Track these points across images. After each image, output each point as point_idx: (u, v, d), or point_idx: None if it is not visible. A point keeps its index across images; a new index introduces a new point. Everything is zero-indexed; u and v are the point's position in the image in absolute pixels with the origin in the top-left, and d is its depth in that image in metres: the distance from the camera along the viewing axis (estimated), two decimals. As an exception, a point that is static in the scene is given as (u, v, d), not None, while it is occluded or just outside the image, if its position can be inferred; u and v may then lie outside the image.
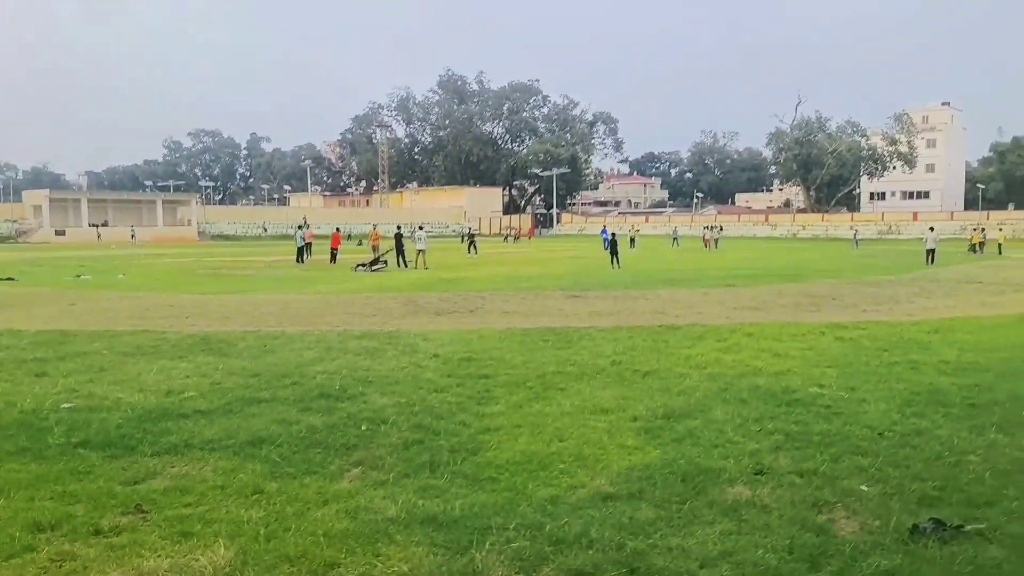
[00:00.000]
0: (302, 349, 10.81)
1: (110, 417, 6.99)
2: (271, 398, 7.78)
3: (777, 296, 18.99)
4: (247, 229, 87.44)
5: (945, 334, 12.31)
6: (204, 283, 24.20)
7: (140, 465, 5.68)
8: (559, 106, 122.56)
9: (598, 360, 9.89)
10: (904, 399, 7.73)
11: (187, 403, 7.55)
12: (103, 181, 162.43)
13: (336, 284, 23.13)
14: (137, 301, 18.09)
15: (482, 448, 6.12)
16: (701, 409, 7.32)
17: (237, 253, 47.44)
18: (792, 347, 10.96)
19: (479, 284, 22.83)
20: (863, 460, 5.78)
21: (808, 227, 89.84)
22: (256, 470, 5.57)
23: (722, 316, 14.81)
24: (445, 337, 11.96)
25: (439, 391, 8.12)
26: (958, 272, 28.47)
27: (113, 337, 12.02)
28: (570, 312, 15.58)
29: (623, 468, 5.63)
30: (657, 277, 25.54)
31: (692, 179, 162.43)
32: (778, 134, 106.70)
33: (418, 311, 15.90)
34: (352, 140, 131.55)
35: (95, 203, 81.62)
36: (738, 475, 5.46)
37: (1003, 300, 18.30)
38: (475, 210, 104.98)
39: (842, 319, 14.35)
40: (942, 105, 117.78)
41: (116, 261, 37.53)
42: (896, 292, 20.33)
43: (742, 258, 39.59)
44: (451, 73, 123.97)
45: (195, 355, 10.34)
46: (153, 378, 8.80)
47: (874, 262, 35.74)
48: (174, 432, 6.52)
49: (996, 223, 70.20)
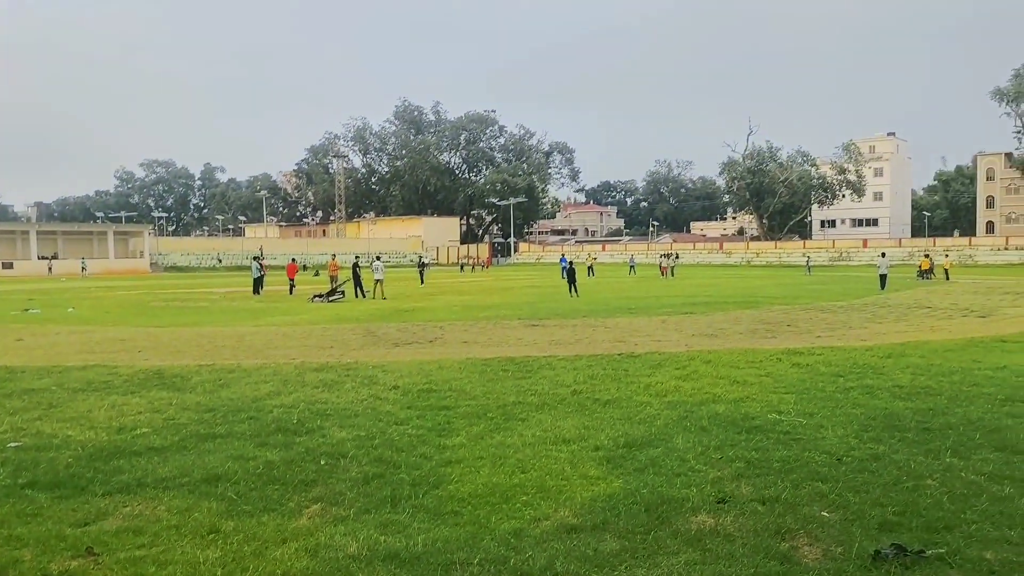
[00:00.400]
0: (258, 383, 10.62)
1: (59, 456, 6.77)
2: (227, 434, 7.61)
3: (734, 323, 19.23)
4: (201, 260, 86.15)
5: (898, 359, 12.55)
6: (157, 316, 23.72)
7: (91, 506, 5.50)
8: (516, 136, 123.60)
9: (559, 390, 9.88)
10: (861, 424, 7.85)
11: (140, 440, 7.35)
12: (53, 212, 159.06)
13: (293, 315, 22.84)
14: (87, 335, 17.65)
15: (444, 481, 6.05)
16: (662, 438, 7.34)
17: (191, 285, 46.67)
18: (750, 374, 11.07)
19: (438, 314, 22.74)
20: (823, 486, 5.84)
21: (762, 255, 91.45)
22: (212, 508, 5.43)
23: (680, 343, 14.93)
24: (404, 368, 11.86)
25: (399, 423, 8.02)
26: (908, 297, 29.14)
27: (62, 373, 11.68)
28: (529, 341, 15.58)
29: (586, 499, 5.60)
30: (615, 305, 25.70)
31: (648, 208, 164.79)
32: (731, 163, 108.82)
33: (376, 342, 15.76)
34: (308, 170, 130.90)
35: (44, 235, 79.79)
36: (701, 504, 5.47)
37: (952, 324, 18.75)
38: (433, 239, 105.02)
39: (798, 345, 14.56)
40: (888, 135, 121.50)
41: (66, 294, 36.62)
42: (849, 318, 20.72)
43: (698, 285, 40.07)
44: (407, 103, 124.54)
45: (148, 390, 10.10)
46: (104, 415, 8.56)
47: (827, 288, 36.43)
48: (126, 471, 6.33)
49: (942, 249, 72.32)
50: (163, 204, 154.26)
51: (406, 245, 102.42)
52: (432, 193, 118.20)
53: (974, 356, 12.80)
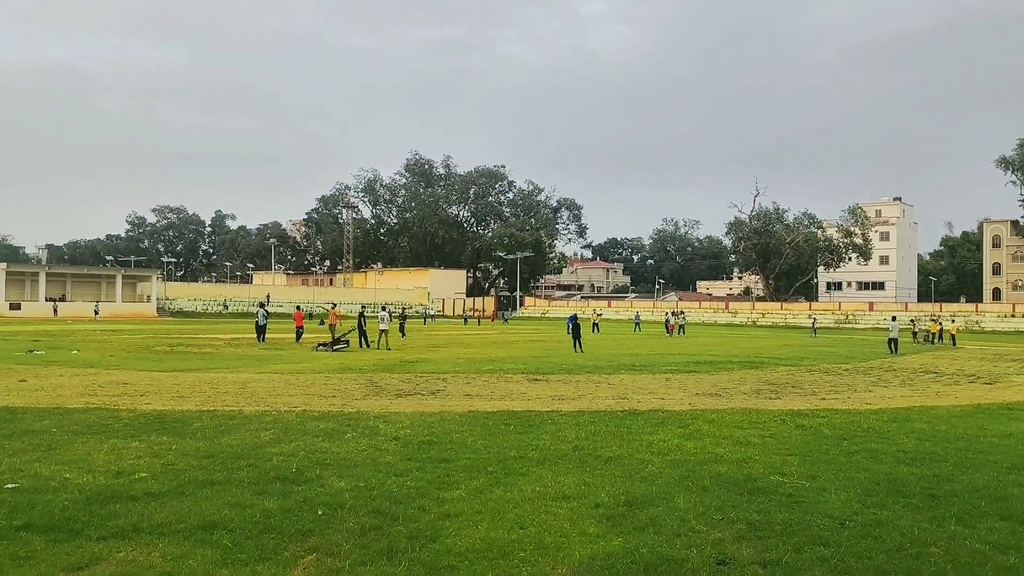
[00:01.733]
0: (259, 430, 10.58)
1: (56, 499, 6.73)
2: (225, 480, 7.56)
3: (738, 383, 19.13)
4: (208, 306, 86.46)
5: (903, 423, 12.46)
6: (161, 360, 23.73)
7: (85, 550, 5.45)
8: (524, 191, 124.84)
9: (560, 445, 9.82)
10: (865, 488, 7.76)
11: (137, 484, 7.31)
12: (64, 255, 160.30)
13: (296, 364, 22.83)
14: (90, 378, 17.65)
15: (441, 535, 5.99)
16: (663, 496, 7.27)
17: (196, 330, 46.73)
18: (753, 434, 10.99)
19: (441, 366, 22.70)
20: (825, 551, 5.75)
21: (768, 315, 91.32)
22: (207, 556, 5.38)
23: (684, 402, 14.85)
24: (406, 419, 11.80)
25: (398, 475, 7.96)
26: (914, 362, 28.98)
27: (63, 415, 11.67)
28: (532, 396, 15.52)
29: (585, 557, 5.53)
30: (619, 362, 25.63)
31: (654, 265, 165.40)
32: (737, 223, 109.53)
33: (379, 392, 15.71)
34: (318, 220, 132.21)
35: (54, 277, 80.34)
36: (701, 565, 5.40)
37: (958, 390, 18.61)
38: (439, 291, 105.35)
39: (802, 406, 14.47)
40: (894, 200, 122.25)
41: (71, 337, 36.71)
42: (854, 380, 20.60)
43: (703, 344, 39.96)
44: (418, 156, 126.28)
45: (148, 434, 10.06)
46: (103, 458, 8.52)
47: (832, 350, 36.28)
48: (122, 515, 6.29)
49: (949, 315, 72.12)
50: (173, 249, 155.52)
51: (413, 296, 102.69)
52: (440, 245, 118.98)
53: (980, 423, 12.70)
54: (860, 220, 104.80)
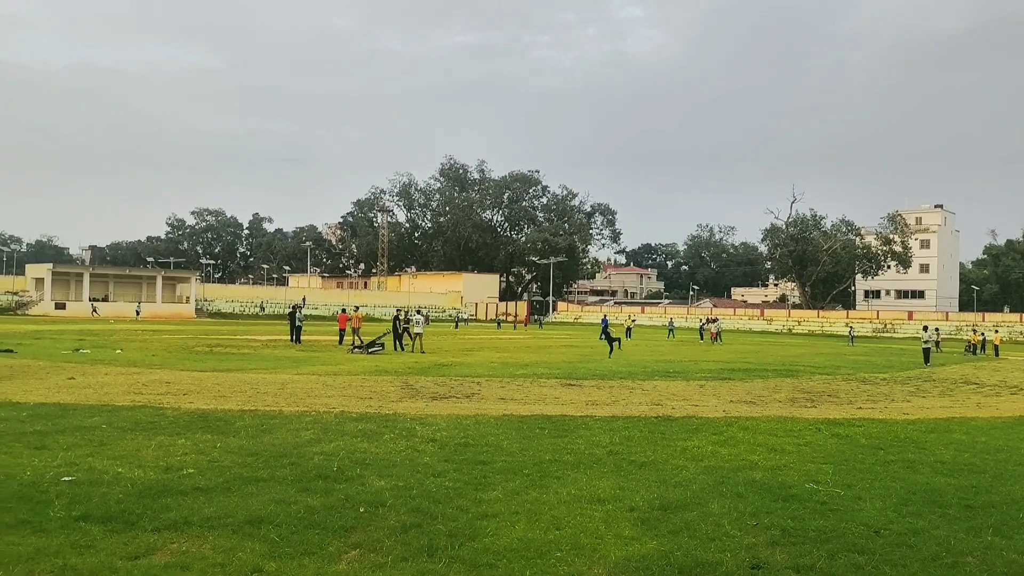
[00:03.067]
0: (299, 430, 10.84)
1: (110, 492, 7.01)
2: (269, 478, 7.80)
3: (773, 391, 19.06)
4: (244, 308, 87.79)
5: (941, 434, 12.36)
6: (201, 360, 24.23)
7: (141, 540, 5.70)
8: (558, 196, 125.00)
9: (595, 450, 9.93)
10: (900, 498, 7.77)
11: (186, 480, 7.57)
12: (106, 256, 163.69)
13: (333, 365, 23.16)
14: (135, 376, 18.12)
15: (480, 534, 6.14)
16: (698, 502, 7.36)
17: (234, 331, 47.50)
18: (788, 442, 11.00)
19: (475, 370, 22.89)
20: (860, 558, 5.81)
21: (804, 323, 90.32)
22: (255, 549, 5.59)
23: (718, 409, 14.86)
24: (442, 422, 12.00)
25: (436, 476, 8.14)
26: (955, 372, 28.56)
27: (112, 412, 12.05)
28: (566, 401, 15.63)
29: (620, 558, 5.65)
30: (653, 368, 25.61)
31: (688, 272, 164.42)
32: (773, 230, 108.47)
33: (415, 395, 15.93)
34: (353, 223, 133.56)
35: (97, 278, 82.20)
36: (735, 569, 5.49)
37: (999, 402, 18.36)
38: (472, 295, 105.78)
39: (838, 415, 14.40)
40: (935, 207, 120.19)
41: (114, 336, 37.56)
42: (892, 390, 20.40)
43: (737, 352, 39.71)
44: (453, 161, 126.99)
45: (193, 432, 10.36)
46: (152, 454, 8.82)
47: (870, 359, 35.86)
48: (173, 508, 6.54)
49: (991, 325, 70.71)
50: (211, 251, 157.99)
51: (446, 300, 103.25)
52: (473, 249, 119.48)
53: (1021, 435, 12.56)
54: (900, 227, 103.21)
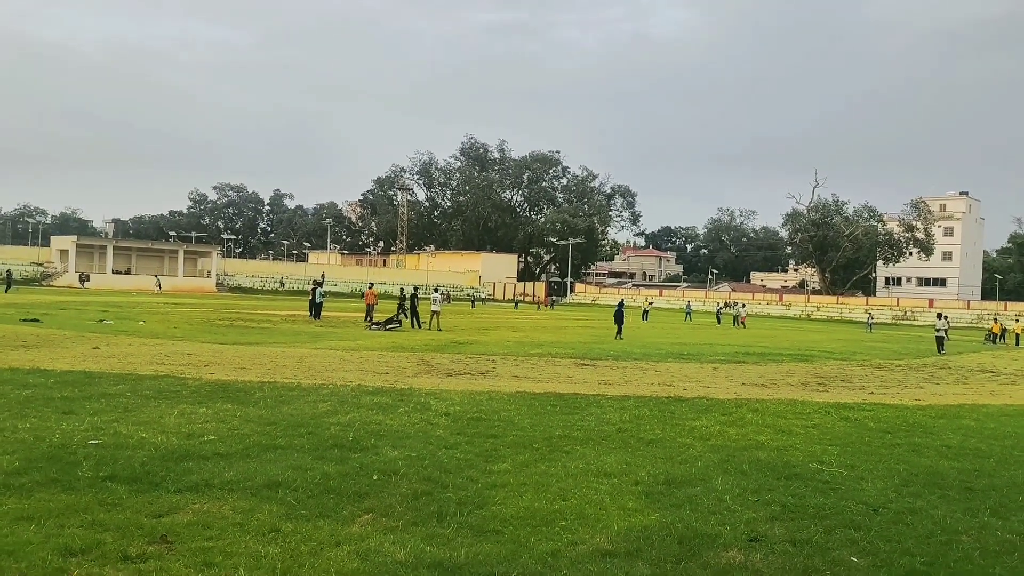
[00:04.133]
0: (316, 402, 11.12)
1: (135, 455, 7.30)
2: (287, 446, 8.06)
3: (786, 375, 19.17)
4: (264, 283, 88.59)
5: (951, 420, 12.46)
6: (222, 333, 24.65)
7: (164, 500, 5.97)
8: (578, 177, 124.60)
9: (604, 427, 10.13)
10: (902, 479, 7.92)
11: (207, 446, 7.85)
12: (129, 229, 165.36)
13: (350, 341, 23.50)
14: (157, 347, 18.51)
15: (488, 502, 6.37)
16: (702, 478, 7.55)
17: (254, 306, 48.09)
18: (796, 424, 11.15)
19: (491, 348, 23.14)
20: (856, 533, 5.98)
21: (823, 308, 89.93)
22: (273, 511, 5.84)
23: (730, 391, 15.01)
24: (456, 397, 12.24)
25: (448, 447, 8.38)
26: (972, 361, 28.48)
27: (136, 380, 12.39)
28: (579, 380, 15.84)
29: (623, 528, 5.85)
30: (667, 350, 25.75)
31: (707, 255, 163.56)
32: (794, 215, 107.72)
33: (430, 371, 16.20)
34: (373, 201, 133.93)
35: (120, 250, 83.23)
36: (733, 541, 5.68)
37: (1014, 390, 18.36)
38: (490, 275, 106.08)
39: (849, 400, 14.51)
40: (959, 195, 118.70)
41: (137, 308, 38.16)
42: (906, 376, 20.44)
43: (754, 336, 39.73)
44: (473, 140, 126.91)
45: (214, 402, 10.67)
46: (174, 421, 9.12)
47: (887, 346, 35.78)
48: (195, 472, 6.82)
49: (1014, 314, 70.08)
50: (232, 227, 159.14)
51: (464, 279, 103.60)
52: (492, 229, 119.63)
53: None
54: (923, 214, 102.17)
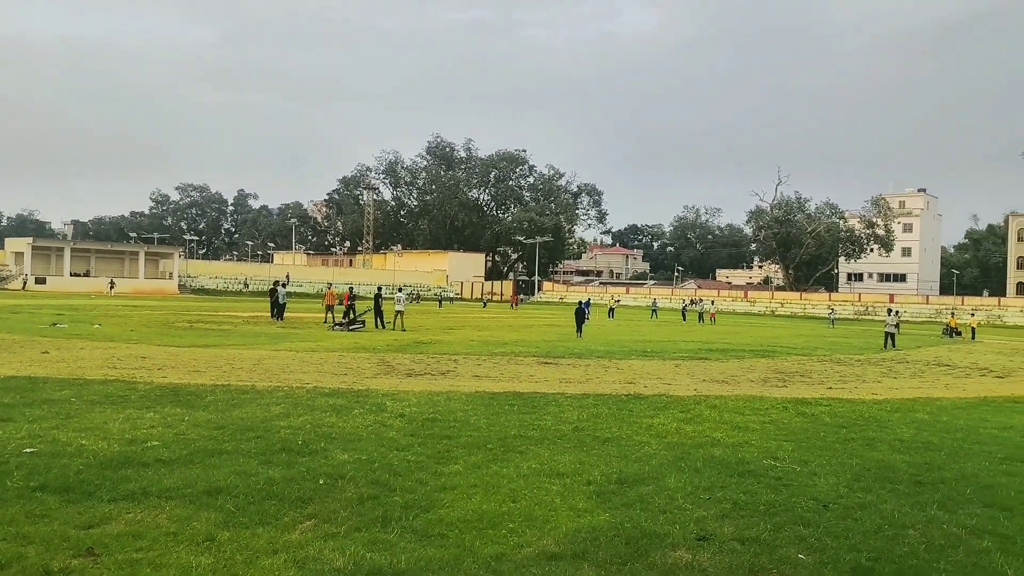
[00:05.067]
0: (270, 404, 10.90)
1: (71, 463, 7.06)
2: (233, 450, 7.86)
3: (747, 371, 19.27)
4: (228, 284, 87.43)
5: (905, 413, 12.57)
6: (180, 336, 24.19)
7: (96, 510, 5.76)
8: (545, 176, 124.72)
9: (561, 426, 10.05)
10: (854, 474, 7.94)
11: (149, 452, 7.62)
12: (89, 231, 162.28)
13: (312, 342, 23.20)
14: (111, 351, 18.10)
15: (435, 505, 6.24)
16: (655, 476, 7.49)
17: (216, 307, 47.36)
18: (753, 420, 11.17)
19: (454, 347, 22.98)
20: (804, 530, 5.95)
21: (786, 304, 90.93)
22: (210, 519, 5.66)
23: (690, 388, 15.02)
24: (413, 398, 12.08)
25: (400, 449, 8.23)
26: (928, 355, 28.92)
27: (82, 385, 12.06)
28: (540, 378, 15.76)
29: (571, 529, 5.76)
30: (631, 348, 25.79)
31: (674, 253, 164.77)
32: (758, 212, 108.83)
33: (390, 371, 16.01)
34: (339, 200, 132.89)
35: (78, 252, 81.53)
36: (681, 540, 5.61)
37: (968, 383, 18.64)
38: (458, 274, 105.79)
39: (807, 395, 14.60)
40: (918, 192, 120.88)
41: (94, 311, 37.38)
42: (864, 371, 20.66)
43: (718, 333, 40.00)
44: (439, 139, 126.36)
45: (163, 406, 10.41)
46: (118, 427, 8.86)
47: (848, 341, 36.22)
48: (133, 479, 6.60)
49: (970, 308, 71.50)
50: (195, 227, 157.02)
51: (431, 279, 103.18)
52: (459, 228, 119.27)
53: (982, 415, 12.79)
54: (883, 211, 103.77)
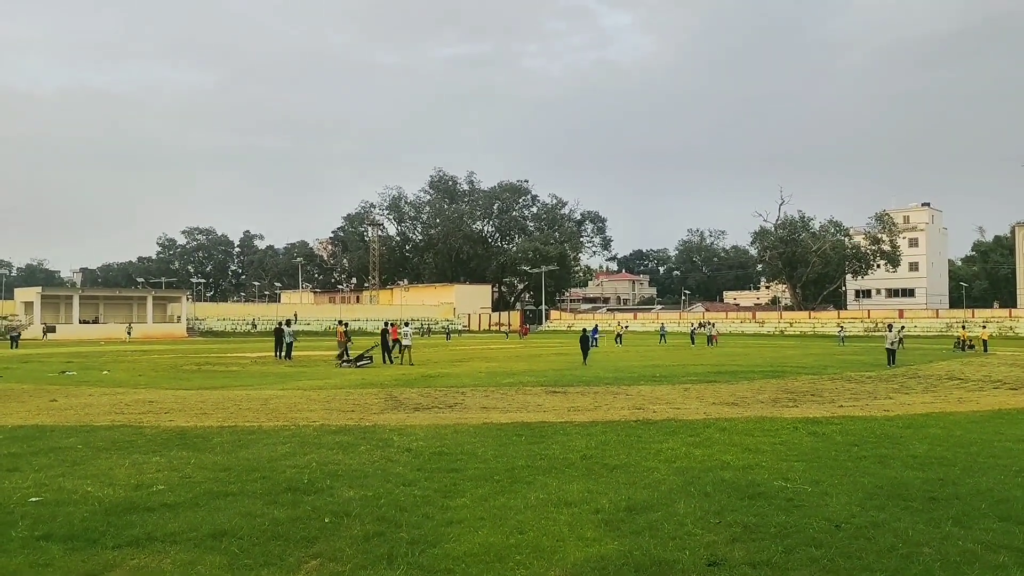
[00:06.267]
0: (276, 444, 10.85)
1: (76, 511, 7.02)
2: (239, 492, 7.81)
3: (757, 392, 19.13)
4: (237, 325, 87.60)
5: (918, 429, 12.45)
6: (187, 379, 24.20)
7: (100, 557, 5.71)
8: (548, 205, 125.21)
9: (569, 455, 9.97)
10: (867, 492, 7.83)
11: (155, 496, 7.58)
12: (97, 278, 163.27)
13: (319, 380, 23.16)
14: (118, 397, 18.09)
15: (442, 540, 6.17)
16: (665, 502, 7.40)
17: (224, 349, 47.42)
18: (763, 441, 11.06)
19: (462, 380, 22.91)
20: (817, 552, 5.86)
21: (795, 324, 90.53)
22: (215, 562, 5.61)
23: (699, 412, 14.91)
24: (420, 432, 12.01)
25: (407, 484, 8.17)
26: (941, 369, 28.69)
27: (89, 432, 12.04)
28: (548, 408, 15.66)
29: (579, 559, 5.68)
30: (640, 373, 25.66)
31: (680, 276, 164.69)
32: (762, 232, 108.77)
33: (398, 407, 15.95)
34: (344, 238, 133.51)
35: (87, 300, 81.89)
36: (691, 566, 5.53)
37: (981, 396, 18.46)
38: (465, 306, 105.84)
39: (818, 414, 14.47)
40: (922, 206, 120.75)
41: (103, 357, 37.46)
42: (876, 388, 20.49)
43: (727, 355, 39.81)
44: (442, 173, 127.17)
45: (169, 450, 10.37)
46: (124, 472, 8.82)
47: (858, 359, 35.99)
48: (138, 525, 6.55)
49: (981, 321, 71.04)
50: (202, 270, 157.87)
51: (438, 312, 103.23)
52: (465, 261, 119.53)
53: (997, 428, 12.65)
54: (888, 227, 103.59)
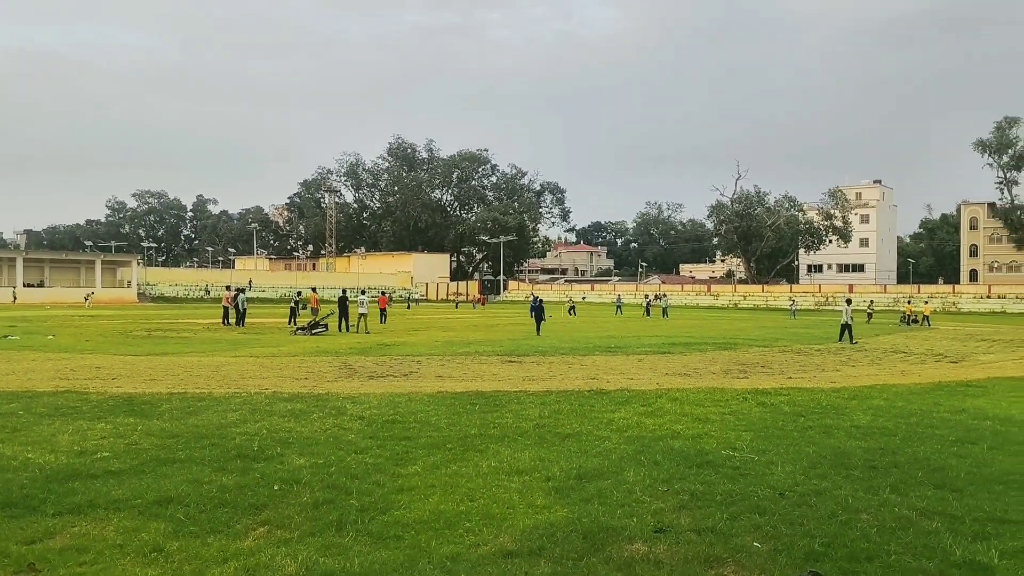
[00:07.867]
0: (226, 411, 10.72)
1: (16, 477, 6.87)
2: (186, 459, 7.71)
3: (709, 363, 19.42)
4: (189, 291, 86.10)
5: (862, 400, 12.76)
6: (137, 345, 23.75)
7: (40, 525, 5.60)
8: (507, 175, 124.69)
9: (522, 423, 10.02)
10: (811, 461, 8.02)
11: (99, 463, 7.45)
12: (43, 240, 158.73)
13: (273, 347, 22.91)
14: (64, 362, 17.69)
15: (392, 507, 6.17)
16: (614, 470, 7.49)
17: (176, 315, 46.61)
18: (713, 412, 11.24)
19: (418, 349, 22.86)
20: (760, 518, 5.99)
21: (749, 297, 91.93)
22: (159, 529, 5.54)
23: (652, 382, 15.09)
24: (374, 400, 11.97)
25: (359, 452, 8.14)
26: (886, 343, 29.40)
27: (32, 398, 11.76)
28: (503, 377, 15.72)
29: (528, 526, 5.73)
30: (596, 344, 25.86)
31: (637, 249, 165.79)
32: (719, 206, 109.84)
33: (352, 375, 15.86)
34: (300, 204, 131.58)
35: (31, 262, 79.62)
36: (638, 533, 5.61)
37: (923, 369, 18.98)
38: (423, 275, 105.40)
39: (767, 385, 14.75)
40: (874, 183, 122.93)
41: (49, 322, 36.56)
42: (824, 360, 20.94)
43: (681, 326, 40.29)
44: (400, 140, 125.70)
45: (115, 416, 10.18)
46: (67, 439, 8.65)
47: (809, 332, 36.69)
48: (80, 492, 6.43)
49: (926, 296, 72.96)
50: (154, 235, 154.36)
51: (396, 280, 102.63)
52: (423, 229, 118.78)
53: (936, 399, 13.02)
54: (840, 203, 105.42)
